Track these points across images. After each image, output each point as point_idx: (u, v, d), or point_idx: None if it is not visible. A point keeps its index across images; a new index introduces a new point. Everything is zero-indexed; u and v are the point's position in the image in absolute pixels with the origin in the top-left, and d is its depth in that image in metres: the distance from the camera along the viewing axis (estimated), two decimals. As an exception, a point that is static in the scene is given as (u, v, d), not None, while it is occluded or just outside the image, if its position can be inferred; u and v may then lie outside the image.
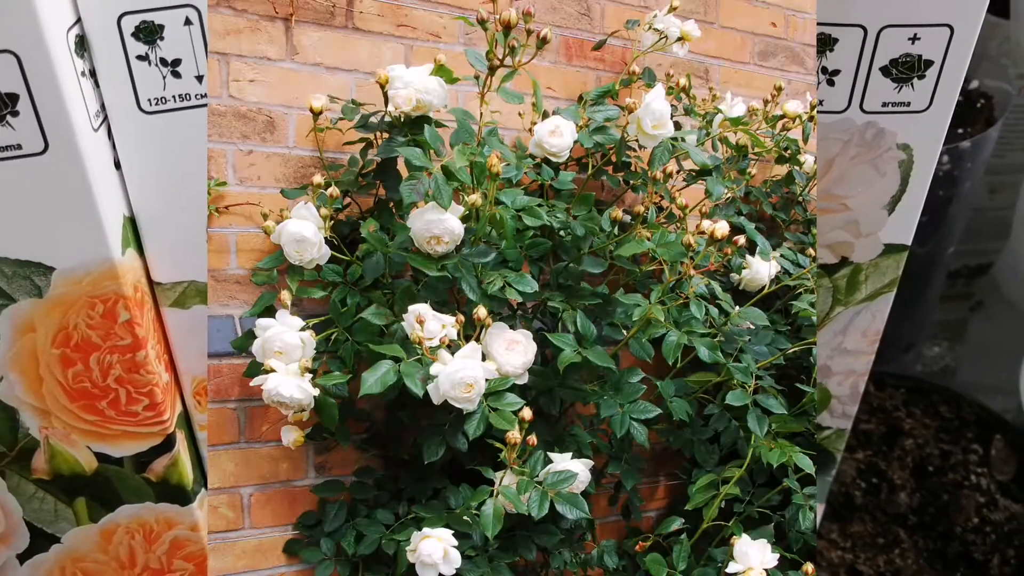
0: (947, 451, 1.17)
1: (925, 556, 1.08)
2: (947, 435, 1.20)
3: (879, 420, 1.21)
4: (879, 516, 1.12)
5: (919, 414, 1.22)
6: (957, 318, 1.51)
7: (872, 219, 0.88)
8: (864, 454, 1.17)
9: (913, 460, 1.16)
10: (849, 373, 0.97)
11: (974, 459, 1.16)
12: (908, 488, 1.13)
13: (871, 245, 0.90)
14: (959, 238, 1.37)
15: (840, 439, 1.01)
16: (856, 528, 1.10)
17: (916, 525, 1.11)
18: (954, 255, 1.41)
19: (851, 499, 1.13)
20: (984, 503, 1.10)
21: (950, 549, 1.08)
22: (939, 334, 1.51)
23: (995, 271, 1.46)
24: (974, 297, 1.50)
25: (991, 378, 1.36)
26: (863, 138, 0.84)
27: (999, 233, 1.44)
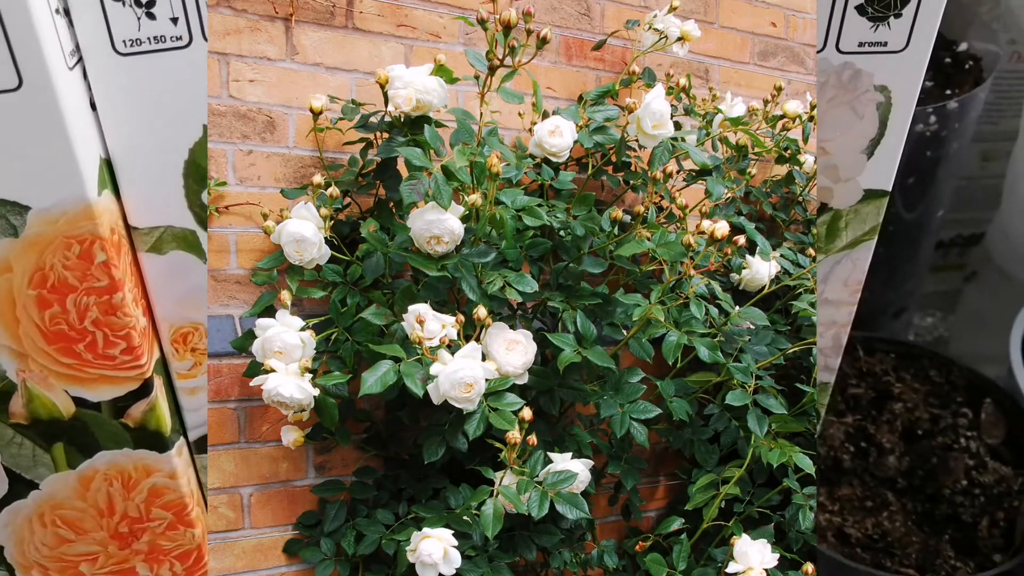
0: (937, 415, 1.16)
1: (913, 519, 1.08)
2: (937, 399, 1.19)
3: (868, 384, 1.20)
4: (867, 479, 1.11)
5: (909, 379, 1.21)
6: (951, 289, 1.50)
7: (851, 163, 0.86)
8: (853, 418, 1.16)
9: (902, 424, 1.15)
10: (831, 324, 0.95)
11: (964, 423, 1.15)
12: (897, 451, 1.12)
13: (850, 191, 0.88)
14: (952, 206, 1.35)
15: (824, 393, 1.00)
16: (844, 491, 1.10)
17: (905, 488, 1.10)
18: (947, 224, 1.39)
19: (839, 463, 1.12)
20: (973, 466, 1.09)
21: (938, 512, 1.07)
22: (932, 304, 1.50)
23: (987, 237, 1.45)
24: (968, 267, 1.48)
25: (984, 347, 1.36)
26: (840, 80, 0.82)
27: (992, 202, 1.42)
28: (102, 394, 0.79)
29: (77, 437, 0.80)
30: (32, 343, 0.76)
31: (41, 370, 0.77)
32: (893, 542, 1.04)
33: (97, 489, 0.82)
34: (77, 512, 0.83)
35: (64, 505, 0.82)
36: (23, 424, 0.79)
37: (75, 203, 0.71)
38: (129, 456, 0.82)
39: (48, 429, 0.79)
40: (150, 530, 0.85)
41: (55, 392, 0.78)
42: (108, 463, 0.82)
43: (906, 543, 1.04)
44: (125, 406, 0.80)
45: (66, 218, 0.71)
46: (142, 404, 0.80)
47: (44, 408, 0.78)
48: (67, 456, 0.81)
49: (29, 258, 0.72)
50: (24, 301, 0.74)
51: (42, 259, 0.73)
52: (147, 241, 0.78)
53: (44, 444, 0.80)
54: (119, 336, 0.76)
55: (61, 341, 0.76)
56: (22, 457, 0.80)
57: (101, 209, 0.73)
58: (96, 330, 0.76)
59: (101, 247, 0.72)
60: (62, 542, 0.84)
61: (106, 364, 0.77)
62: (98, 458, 0.82)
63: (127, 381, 0.79)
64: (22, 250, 0.72)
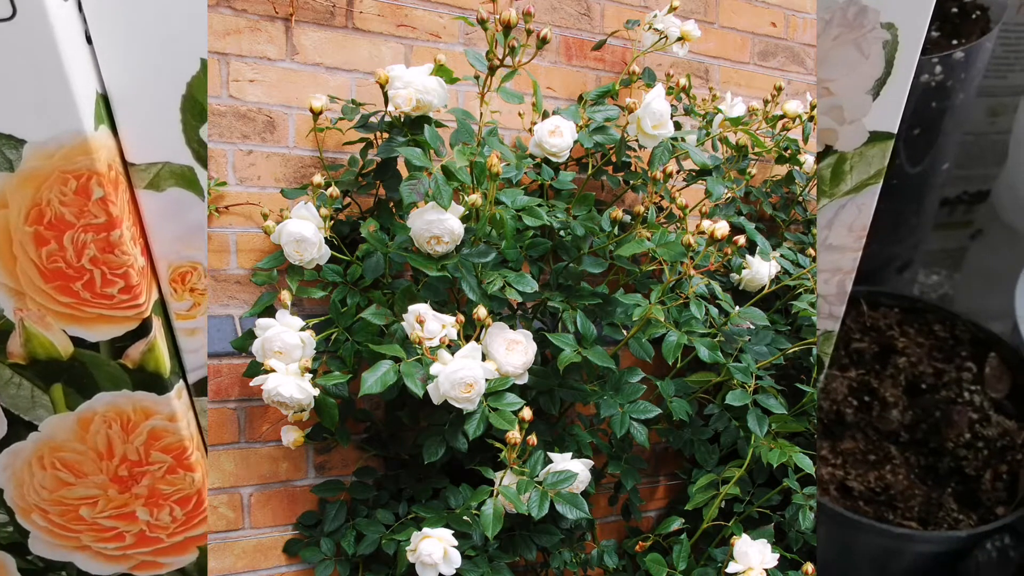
0: (940, 369, 1.15)
1: (916, 472, 1.07)
2: (941, 354, 1.19)
3: (872, 339, 1.19)
4: (870, 433, 1.11)
5: (913, 333, 1.21)
6: (956, 247, 1.49)
7: (856, 104, 0.84)
8: (856, 372, 1.15)
9: (906, 378, 1.15)
10: (835, 271, 0.93)
11: (968, 377, 1.14)
12: (900, 405, 1.12)
13: (856, 132, 0.86)
14: (958, 163, 1.33)
15: (828, 342, 0.99)
16: (847, 445, 1.09)
17: (908, 442, 1.10)
18: (952, 181, 1.37)
19: (842, 417, 1.12)
20: (977, 420, 1.09)
21: (942, 465, 1.07)
22: (937, 262, 1.48)
23: (994, 192, 1.43)
24: (974, 225, 1.47)
25: (990, 304, 1.35)
26: (845, 17, 0.79)
27: (999, 158, 1.39)
28: (100, 334, 0.77)
29: (76, 378, 0.79)
30: (29, 281, 0.74)
31: (39, 309, 0.75)
32: (896, 495, 1.04)
33: (96, 431, 0.81)
34: (76, 455, 0.82)
35: (63, 447, 0.81)
36: (21, 364, 0.78)
37: (71, 137, 0.70)
38: (128, 398, 0.81)
39: (46, 369, 0.78)
40: (150, 474, 0.83)
41: (53, 332, 0.77)
42: (107, 405, 0.81)
43: (908, 496, 1.04)
44: (124, 346, 0.78)
45: (62, 152, 0.70)
46: (141, 344, 0.79)
47: (42, 348, 0.77)
48: (66, 397, 0.80)
49: (25, 193, 0.71)
50: (20, 238, 0.73)
51: (39, 195, 0.71)
52: (145, 178, 0.77)
53: (43, 385, 0.79)
54: (117, 275, 0.75)
55: (59, 279, 0.74)
56: (20, 398, 0.79)
57: (98, 144, 0.71)
58: (94, 268, 0.74)
59: (98, 183, 0.71)
60: (62, 485, 0.83)
61: (104, 303, 0.76)
62: (97, 399, 0.80)
63: (125, 321, 0.77)
64: (18, 185, 0.71)
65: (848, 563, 1.04)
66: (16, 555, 0.84)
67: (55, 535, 0.85)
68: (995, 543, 1.07)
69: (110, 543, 0.85)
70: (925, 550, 1.02)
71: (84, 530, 0.84)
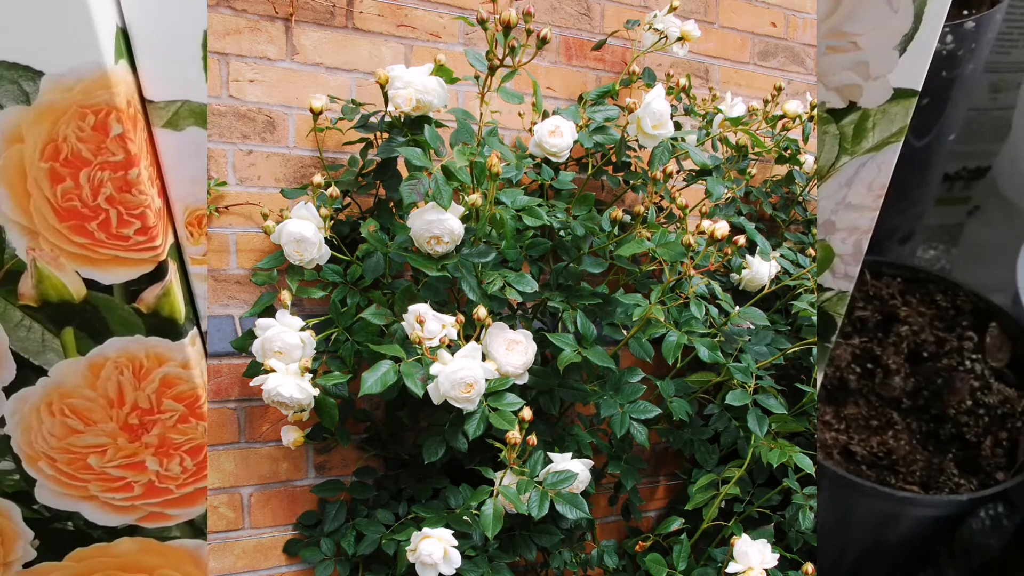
0: (942, 338, 1.16)
1: (918, 438, 1.08)
2: (942, 323, 1.19)
3: (875, 308, 1.20)
4: (873, 399, 1.12)
5: (915, 302, 1.21)
6: (954, 222, 1.49)
7: (882, 60, 0.83)
8: (859, 340, 1.16)
9: (908, 346, 1.15)
10: (853, 230, 0.91)
11: (969, 346, 1.15)
12: (902, 372, 1.12)
13: (880, 89, 0.84)
14: (959, 138, 1.34)
15: (841, 302, 0.97)
16: (850, 411, 1.10)
17: (910, 408, 1.10)
18: (953, 156, 1.37)
19: (845, 383, 1.12)
20: (978, 387, 1.10)
21: (943, 431, 1.08)
22: (935, 237, 1.49)
23: (994, 169, 1.43)
24: (972, 201, 1.47)
25: (988, 278, 1.35)
26: None
27: (1001, 134, 1.39)
28: (115, 276, 0.75)
29: (88, 321, 0.76)
30: (43, 219, 0.72)
31: (52, 249, 0.73)
32: (898, 460, 1.04)
33: (107, 377, 0.79)
34: (86, 401, 0.79)
35: (73, 394, 0.79)
36: (32, 306, 0.75)
37: (91, 70, 0.67)
38: (141, 343, 0.78)
39: (58, 312, 0.76)
40: (161, 422, 0.81)
41: (66, 273, 0.74)
42: (119, 350, 0.78)
43: (910, 461, 1.05)
44: (138, 290, 0.76)
45: (81, 86, 0.68)
46: (156, 288, 0.76)
47: (54, 290, 0.75)
48: (77, 341, 0.77)
49: (42, 128, 0.69)
50: (36, 174, 0.70)
51: (55, 130, 0.69)
52: (163, 116, 0.75)
53: (54, 328, 0.77)
54: (134, 215, 0.72)
55: (73, 218, 0.72)
56: (31, 341, 0.77)
57: (118, 78, 0.69)
58: (110, 208, 0.72)
59: (117, 119, 0.69)
60: (70, 432, 0.81)
61: (119, 245, 0.74)
62: (109, 344, 0.78)
63: (141, 263, 0.75)
64: (35, 119, 0.69)
65: (846, 527, 1.05)
66: (22, 504, 0.82)
67: (62, 484, 0.82)
68: (989, 511, 1.08)
69: (118, 493, 0.83)
70: (924, 514, 1.03)
71: (92, 479, 0.82)
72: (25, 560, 0.83)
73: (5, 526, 0.82)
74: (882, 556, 1.08)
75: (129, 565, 0.84)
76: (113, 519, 0.83)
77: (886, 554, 1.07)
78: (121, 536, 0.83)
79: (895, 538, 1.05)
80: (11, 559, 0.83)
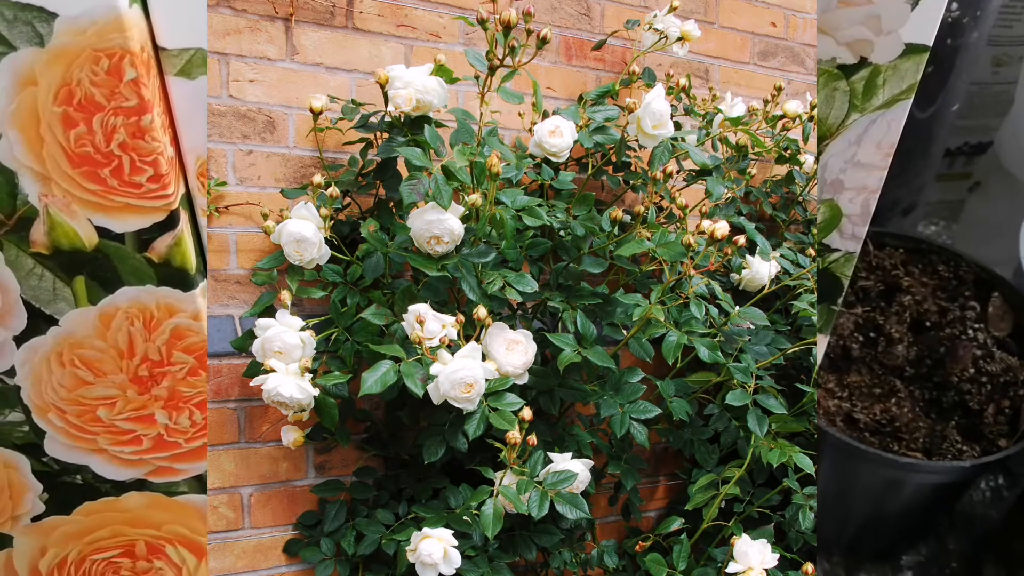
0: (945, 308, 1.16)
1: (921, 405, 1.08)
2: (945, 293, 1.19)
3: (877, 278, 1.20)
4: (876, 368, 1.12)
5: (917, 273, 1.21)
6: (955, 198, 1.49)
7: (894, 14, 0.82)
8: (862, 309, 1.16)
9: (911, 315, 1.15)
10: (861, 189, 0.90)
11: (971, 316, 1.15)
12: (905, 341, 1.13)
13: (892, 44, 0.83)
14: (960, 112, 1.34)
15: (848, 263, 0.97)
16: (853, 378, 1.10)
17: (912, 376, 1.11)
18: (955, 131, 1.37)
19: (848, 351, 1.12)
20: (981, 356, 1.10)
21: (946, 399, 1.08)
22: (936, 213, 1.48)
23: (996, 143, 1.42)
24: (973, 177, 1.46)
25: (988, 252, 1.35)
26: None
27: (1002, 109, 1.38)
28: (127, 224, 0.74)
29: (99, 270, 0.76)
30: (56, 165, 0.71)
31: (64, 195, 0.72)
32: (901, 427, 1.05)
33: (118, 328, 0.78)
34: (97, 352, 0.79)
35: (84, 344, 0.78)
36: (44, 254, 0.74)
37: (105, 12, 0.66)
38: (152, 294, 0.77)
39: (69, 260, 0.75)
40: (170, 375, 0.80)
41: (78, 220, 0.73)
42: (130, 300, 0.77)
43: (913, 428, 1.05)
44: (150, 239, 0.75)
45: (95, 28, 0.67)
46: (167, 237, 0.75)
47: (66, 237, 0.74)
48: (88, 291, 0.76)
49: (55, 71, 0.68)
50: (49, 119, 0.70)
51: (69, 73, 0.68)
52: (176, 64, 0.74)
53: (65, 277, 0.76)
54: (146, 162, 0.72)
55: (86, 164, 0.71)
56: (42, 290, 0.76)
57: (131, 22, 0.68)
58: (123, 154, 0.71)
59: (131, 63, 0.68)
60: (80, 384, 0.80)
61: (132, 192, 0.73)
62: (120, 294, 0.77)
63: (153, 212, 0.74)
64: (48, 62, 0.68)
65: (849, 495, 1.05)
66: (31, 456, 0.81)
67: (71, 436, 0.81)
68: (989, 482, 1.08)
69: (127, 447, 0.82)
70: (926, 481, 1.03)
71: (101, 432, 0.81)
72: (34, 514, 0.82)
73: (14, 478, 0.81)
74: (883, 526, 1.08)
75: (137, 520, 0.83)
76: (122, 473, 0.82)
77: (887, 524, 1.08)
78: (129, 490, 0.82)
79: (896, 508, 1.06)
80: (20, 512, 0.83)
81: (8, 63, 0.67)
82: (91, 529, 0.83)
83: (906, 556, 1.12)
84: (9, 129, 0.70)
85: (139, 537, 0.83)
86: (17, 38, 0.67)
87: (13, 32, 0.66)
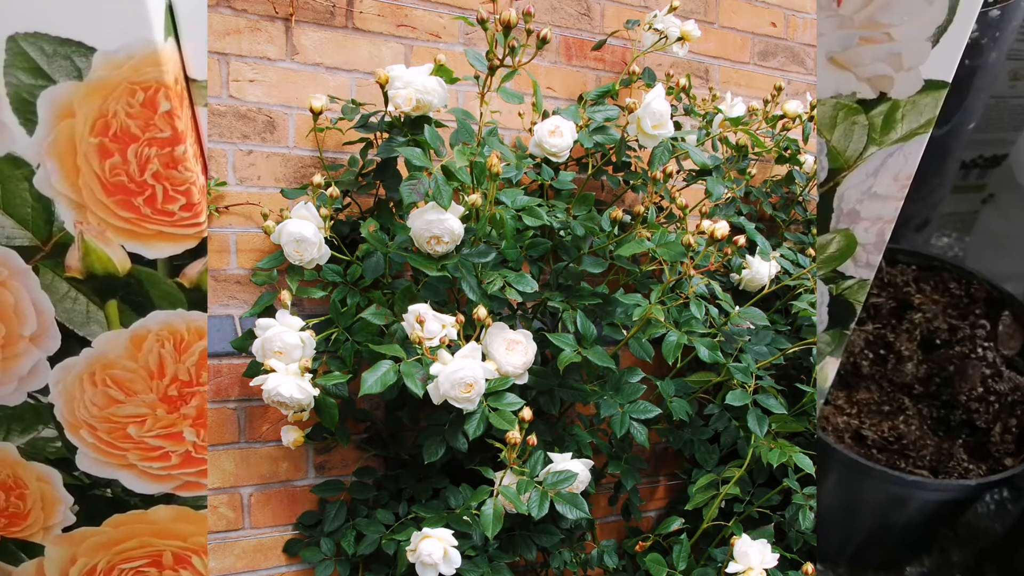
0: (955, 325, 1.17)
1: (929, 423, 1.09)
2: (955, 311, 1.20)
3: (888, 295, 1.21)
4: (885, 385, 1.12)
5: (929, 290, 1.22)
6: (968, 211, 1.49)
7: (915, 51, 0.83)
8: (873, 326, 1.17)
9: (921, 333, 1.16)
10: (877, 219, 0.92)
11: (981, 334, 1.16)
12: (915, 359, 1.13)
13: (911, 80, 0.85)
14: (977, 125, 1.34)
15: (862, 290, 0.98)
16: (862, 396, 1.10)
17: (921, 394, 1.12)
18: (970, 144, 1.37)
19: (858, 368, 1.13)
20: (989, 374, 1.11)
21: (953, 417, 1.09)
22: (948, 225, 1.49)
23: (1011, 157, 1.43)
24: (987, 189, 1.47)
25: (1000, 266, 1.35)
26: None
27: (1019, 123, 1.39)
28: (159, 251, 0.77)
29: (132, 295, 0.79)
30: (91, 194, 0.74)
31: (99, 223, 0.75)
32: (908, 444, 1.05)
33: (149, 350, 0.81)
34: (128, 372, 0.82)
35: (115, 365, 0.81)
36: (78, 278, 0.77)
37: (142, 47, 0.69)
38: (182, 317, 0.80)
39: (103, 285, 0.78)
40: (199, 395, 0.83)
41: (112, 247, 0.76)
42: (161, 323, 0.80)
43: (921, 446, 1.06)
44: (181, 265, 0.78)
45: (132, 63, 0.70)
46: (198, 264, 0.78)
47: (100, 263, 0.77)
48: (120, 314, 0.79)
49: (92, 104, 0.71)
50: (85, 149, 0.72)
51: (105, 105, 0.71)
52: (206, 95, 0.77)
53: (98, 300, 0.79)
54: (179, 191, 0.75)
55: (120, 193, 0.74)
56: (76, 313, 0.79)
57: (167, 56, 0.71)
58: (156, 184, 0.74)
59: (166, 96, 0.71)
60: (111, 403, 0.83)
61: (164, 220, 0.76)
62: (151, 318, 0.80)
63: (185, 239, 0.77)
64: (86, 95, 0.70)
65: (854, 510, 1.05)
66: (63, 471, 0.85)
67: (102, 452, 0.84)
68: (993, 495, 1.09)
69: (156, 462, 0.85)
70: (931, 498, 1.04)
71: (131, 448, 0.84)
72: (64, 525, 0.85)
73: (47, 491, 0.84)
74: (888, 538, 1.09)
75: (164, 531, 0.86)
76: (151, 487, 0.85)
77: (892, 536, 1.08)
78: (157, 504, 0.85)
79: (901, 520, 1.06)
80: (51, 523, 0.85)
81: (47, 96, 0.70)
82: (120, 540, 0.86)
83: (910, 567, 1.13)
84: (47, 159, 0.72)
85: (166, 548, 0.85)
86: (56, 72, 0.69)
87: (52, 66, 0.69)
